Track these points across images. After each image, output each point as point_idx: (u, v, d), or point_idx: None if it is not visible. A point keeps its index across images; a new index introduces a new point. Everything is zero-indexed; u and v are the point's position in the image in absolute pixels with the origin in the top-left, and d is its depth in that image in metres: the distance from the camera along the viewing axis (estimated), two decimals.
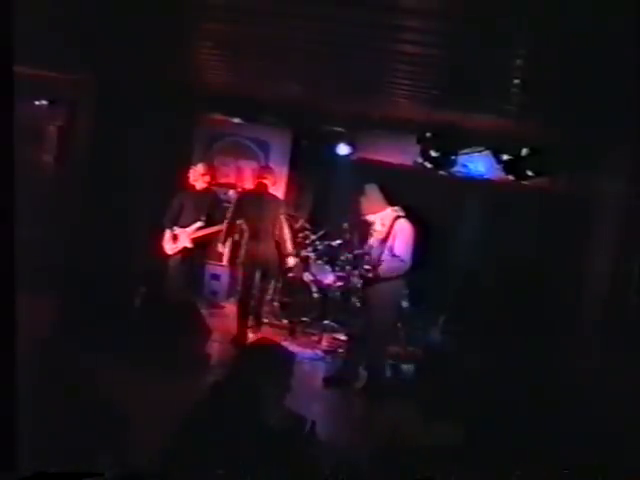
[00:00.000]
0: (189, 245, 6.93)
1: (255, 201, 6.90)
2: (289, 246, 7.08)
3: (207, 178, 7.16)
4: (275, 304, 8.05)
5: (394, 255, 5.71)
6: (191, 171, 7.13)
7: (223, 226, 7.18)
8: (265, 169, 7.23)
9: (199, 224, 6.94)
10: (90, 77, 6.08)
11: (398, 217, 5.82)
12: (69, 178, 6.45)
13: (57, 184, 6.63)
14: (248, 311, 7.05)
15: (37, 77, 6.14)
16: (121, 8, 3.91)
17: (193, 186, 7.08)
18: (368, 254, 5.94)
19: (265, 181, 6.99)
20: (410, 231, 5.78)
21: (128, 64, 5.51)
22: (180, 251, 6.98)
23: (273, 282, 8.21)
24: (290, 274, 7.80)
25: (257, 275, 7.05)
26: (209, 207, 7.13)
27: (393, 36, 3.83)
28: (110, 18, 4.16)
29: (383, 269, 5.76)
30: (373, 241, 5.97)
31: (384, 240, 5.80)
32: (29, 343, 1.91)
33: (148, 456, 2.56)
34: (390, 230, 5.78)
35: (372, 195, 5.96)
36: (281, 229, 6.97)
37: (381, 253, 5.81)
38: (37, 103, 6.80)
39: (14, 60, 1.76)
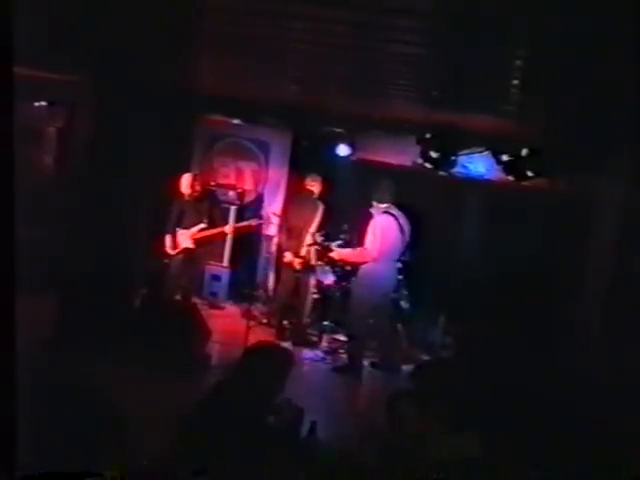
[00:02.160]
0: (191, 245, 6.95)
1: (300, 203, 7.38)
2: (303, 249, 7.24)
3: (205, 181, 7.18)
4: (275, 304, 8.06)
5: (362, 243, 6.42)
6: (189, 175, 7.11)
7: (226, 228, 7.24)
8: (315, 178, 7.37)
9: (202, 226, 6.97)
10: (89, 78, 6.07)
11: (384, 212, 6.35)
12: (69, 179, 6.45)
13: (57, 185, 6.63)
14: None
15: (37, 78, 6.14)
16: (120, 9, 3.91)
17: (192, 190, 7.06)
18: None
19: (312, 187, 7.29)
20: (381, 224, 6.34)
21: (127, 65, 5.51)
22: (181, 252, 7.00)
23: (272, 282, 8.28)
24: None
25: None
26: (209, 209, 7.13)
27: (393, 37, 3.83)
28: (109, 19, 4.16)
29: (346, 252, 6.71)
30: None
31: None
32: (29, 343, 1.90)
33: (148, 456, 2.56)
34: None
35: (383, 187, 6.45)
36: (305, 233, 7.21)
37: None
38: (37, 104, 6.80)
39: (14, 61, 1.76)
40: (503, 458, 3.03)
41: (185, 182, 7.04)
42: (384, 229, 6.31)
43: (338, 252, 6.82)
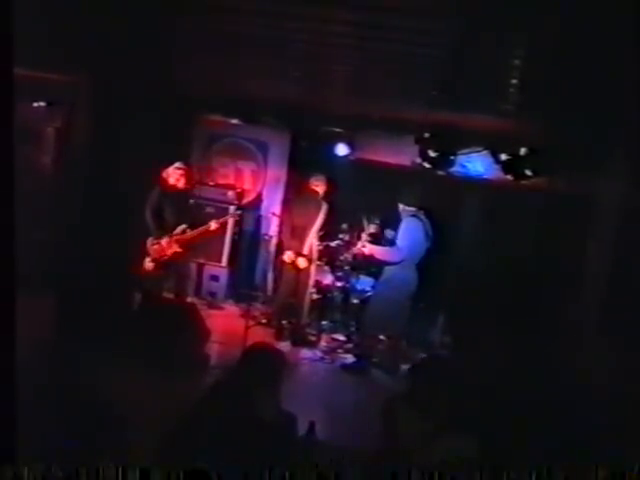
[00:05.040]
0: (178, 249, 6.69)
1: (303, 203, 7.36)
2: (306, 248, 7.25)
3: (186, 177, 6.82)
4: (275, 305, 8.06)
5: (393, 243, 6.61)
6: (169, 170, 6.81)
7: (212, 226, 6.91)
8: (320, 178, 7.37)
9: (183, 226, 6.71)
10: (88, 79, 6.07)
11: (412, 215, 6.54)
12: (68, 179, 6.44)
13: (56, 185, 6.62)
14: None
15: (36, 79, 6.14)
16: (119, 9, 3.91)
17: (172, 186, 6.74)
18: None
19: (316, 188, 7.29)
20: (409, 227, 6.51)
21: (126, 65, 5.51)
22: (170, 257, 6.74)
23: (271, 282, 8.28)
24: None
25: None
26: (191, 208, 6.98)
27: (392, 37, 3.83)
28: (109, 19, 4.16)
29: (379, 249, 6.74)
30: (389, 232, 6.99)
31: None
32: (29, 343, 1.91)
33: (148, 456, 2.57)
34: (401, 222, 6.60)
35: (409, 189, 6.70)
36: (309, 231, 7.26)
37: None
38: (35, 105, 6.79)
39: (14, 61, 1.76)
40: (502, 458, 3.04)
41: (173, 173, 6.67)
42: (412, 232, 6.49)
43: (370, 248, 6.82)
